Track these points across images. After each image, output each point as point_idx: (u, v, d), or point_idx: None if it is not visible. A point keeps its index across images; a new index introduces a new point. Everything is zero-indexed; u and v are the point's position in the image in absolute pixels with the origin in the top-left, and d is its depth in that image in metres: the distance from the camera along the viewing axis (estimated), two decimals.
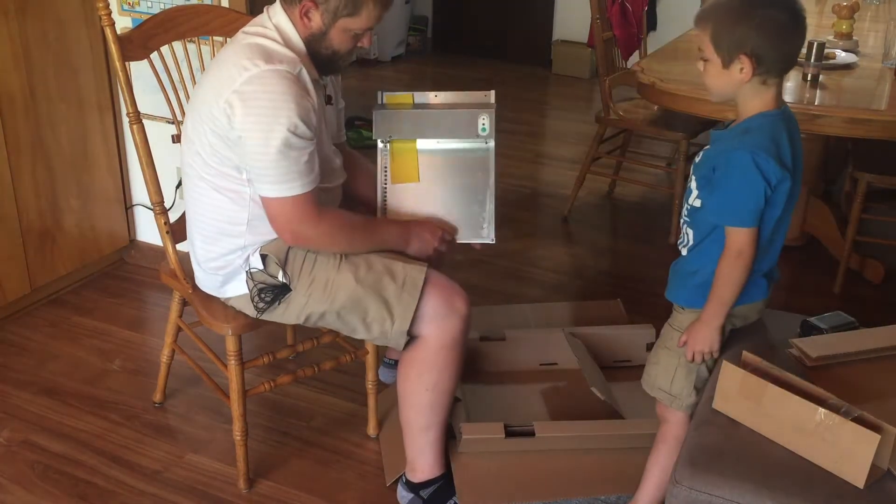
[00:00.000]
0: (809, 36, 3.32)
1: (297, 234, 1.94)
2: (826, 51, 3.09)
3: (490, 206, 2.14)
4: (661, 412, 1.91)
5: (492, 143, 2.15)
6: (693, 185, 1.76)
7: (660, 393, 1.87)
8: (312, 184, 1.91)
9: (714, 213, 1.70)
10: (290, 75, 1.84)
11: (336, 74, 2.10)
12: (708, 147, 1.77)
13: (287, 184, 1.87)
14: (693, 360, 1.80)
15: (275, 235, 2.00)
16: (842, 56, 3.26)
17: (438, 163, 2.16)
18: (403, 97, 2.19)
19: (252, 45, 1.87)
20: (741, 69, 1.63)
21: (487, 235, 2.16)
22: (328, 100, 2.06)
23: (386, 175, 2.14)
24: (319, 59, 1.95)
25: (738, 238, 1.67)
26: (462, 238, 2.15)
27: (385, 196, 2.15)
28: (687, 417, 1.86)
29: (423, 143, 2.15)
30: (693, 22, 1.72)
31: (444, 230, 2.12)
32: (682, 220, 1.83)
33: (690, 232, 1.80)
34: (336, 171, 2.08)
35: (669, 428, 1.89)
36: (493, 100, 2.17)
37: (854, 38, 3.47)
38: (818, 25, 3.86)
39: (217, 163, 1.93)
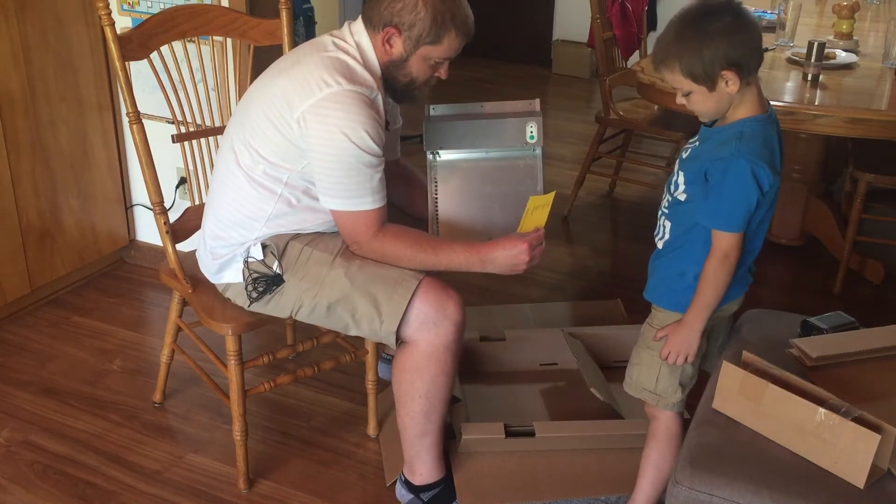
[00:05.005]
0: (809, 36, 3.36)
1: (360, 245, 1.98)
2: (826, 51, 3.09)
3: None
4: (650, 411, 1.92)
5: (539, 151, 2.16)
6: (680, 179, 1.76)
7: (644, 393, 1.87)
8: (382, 201, 1.96)
9: (705, 216, 1.71)
10: (367, 99, 1.88)
11: (413, 103, 2.09)
12: (696, 142, 1.78)
13: (358, 199, 1.92)
14: (669, 360, 1.81)
15: (282, 231, 2.03)
16: (842, 56, 3.26)
17: (487, 171, 2.18)
18: (449, 108, 2.21)
19: (336, 60, 1.90)
20: (727, 83, 1.65)
21: None
22: (385, 125, 2.07)
23: (436, 186, 2.16)
24: (396, 86, 1.99)
25: (726, 241, 1.69)
26: None
27: (437, 206, 2.16)
28: (675, 413, 1.87)
29: (471, 152, 2.17)
30: (655, 68, 1.74)
31: (528, 240, 1.98)
32: (659, 212, 1.84)
33: (668, 225, 1.81)
34: None
35: (659, 425, 1.90)
36: (538, 108, 2.19)
37: (854, 37, 3.47)
38: (818, 25, 3.86)
39: (267, 157, 1.95)
